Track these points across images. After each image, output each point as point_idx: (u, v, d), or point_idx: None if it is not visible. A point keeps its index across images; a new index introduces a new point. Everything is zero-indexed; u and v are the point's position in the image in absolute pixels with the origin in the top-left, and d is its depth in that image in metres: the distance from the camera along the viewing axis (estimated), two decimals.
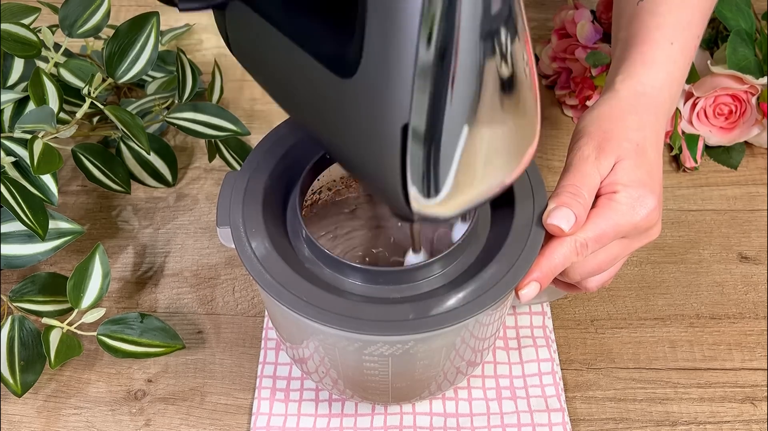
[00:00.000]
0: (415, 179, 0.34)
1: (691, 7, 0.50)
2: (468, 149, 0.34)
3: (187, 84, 0.66)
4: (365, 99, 0.33)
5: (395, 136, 0.32)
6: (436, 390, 0.50)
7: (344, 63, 0.33)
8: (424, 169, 0.34)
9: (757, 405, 0.54)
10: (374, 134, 0.34)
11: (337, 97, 0.34)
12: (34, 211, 0.53)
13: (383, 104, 0.32)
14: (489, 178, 0.37)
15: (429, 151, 0.33)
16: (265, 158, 0.47)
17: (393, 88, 0.31)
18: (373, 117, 0.33)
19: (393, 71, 0.31)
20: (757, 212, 0.66)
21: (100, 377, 0.57)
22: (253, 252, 0.42)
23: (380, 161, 0.35)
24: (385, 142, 0.33)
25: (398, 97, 0.31)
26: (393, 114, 0.32)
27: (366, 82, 0.32)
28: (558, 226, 0.42)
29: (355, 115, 0.34)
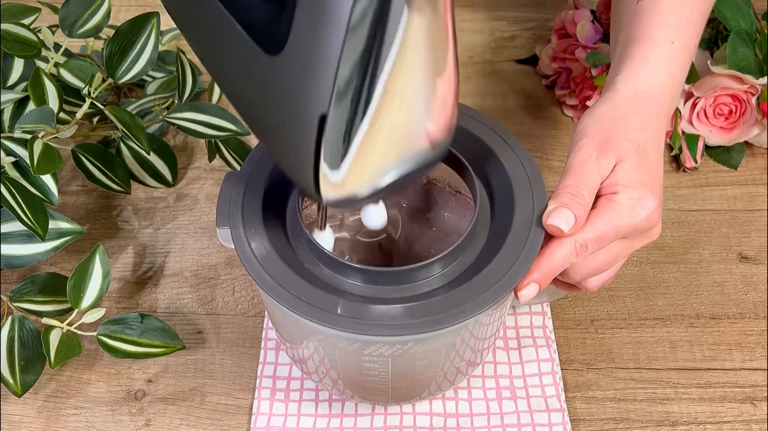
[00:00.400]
0: (327, 163, 0.34)
1: (691, 6, 0.50)
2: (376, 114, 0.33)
3: (187, 84, 0.66)
4: (288, 80, 0.32)
5: (313, 122, 0.32)
6: (436, 390, 0.50)
7: (271, 38, 0.31)
8: (333, 144, 0.33)
9: (757, 405, 0.54)
10: (292, 118, 0.33)
11: (260, 72, 0.33)
12: (34, 211, 0.53)
13: (305, 90, 0.31)
14: (397, 135, 0.35)
15: (345, 140, 0.33)
16: (265, 158, 0.47)
17: (317, 74, 0.30)
18: (294, 102, 0.32)
19: (319, 55, 0.30)
20: (757, 212, 0.66)
21: (100, 377, 0.57)
22: (253, 252, 0.42)
23: (294, 143, 0.34)
24: (301, 127, 0.32)
25: (321, 86, 0.30)
26: (314, 102, 0.31)
27: (290, 63, 0.31)
28: (558, 227, 0.42)
29: (276, 94, 0.33)
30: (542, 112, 0.74)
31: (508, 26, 0.82)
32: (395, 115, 0.33)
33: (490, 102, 0.75)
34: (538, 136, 0.72)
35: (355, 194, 0.36)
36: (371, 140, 0.33)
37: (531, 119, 0.73)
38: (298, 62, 0.31)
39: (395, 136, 0.35)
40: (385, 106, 0.32)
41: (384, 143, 0.34)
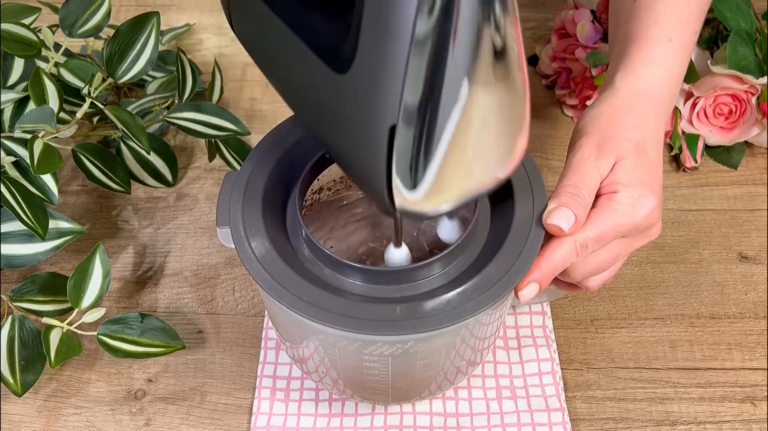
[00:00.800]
0: (399, 174, 0.34)
1: (688, 4, 0.50)
2: (454, 146, 0.34)
3: (187, 84, 0.66)
4: (356, 96, 0.33)
5: (383, 136, 0.33)
6: (436, 389, 0.50)
7: (339, 58, 0.33)
8: (409, 164, 0.34)
9: (757, 405, 0.54)
10: (363, 131, 0.34)
11: (330, 90, 0.34)
12: (34, 210, 0.53)
13: (373, 104, 0.32)
14: (474, 175, 0.36)
15: (415, 150, 0.33)
16: (265, 158, 0.47)
17: (383, 89, 0.31)
18: (363, 115, 0.33)
19: (384, 73, 0.31)
20: (757, 212, 0.66)
21: (100, 377, 0.57)
22: (253, 252, 0.42)
23: (367, 158, 0.35)
24: (372, 141, 0.33)
25: (388, 99, 0.31)
26: (382, 114, 0.32)
27: (358, 79, 0.32)
28: (558, 226, 0.42)
29: (345, 110, 0.34)
30: (542, 112, 0.74)
31: None
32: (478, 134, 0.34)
33: None
34: (538, 136, 0.72)
35: (426, 210, 0.37)
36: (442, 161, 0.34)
37: (531, 119, 0.73)
38: (365, 79, 0.32)
39: (464, 160, 0.35)
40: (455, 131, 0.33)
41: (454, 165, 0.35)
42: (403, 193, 0.35)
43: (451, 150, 0.34)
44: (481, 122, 0.34)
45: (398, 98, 0.31)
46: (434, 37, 0.30)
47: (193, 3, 0.83)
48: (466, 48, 0.30)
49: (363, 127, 0.34)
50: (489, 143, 0.35)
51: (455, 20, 0.29)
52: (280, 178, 0.47)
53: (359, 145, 0.35)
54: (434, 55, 0.30)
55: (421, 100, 0.31)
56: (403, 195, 0.35)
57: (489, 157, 0.36)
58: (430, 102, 0.32)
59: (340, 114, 0.35)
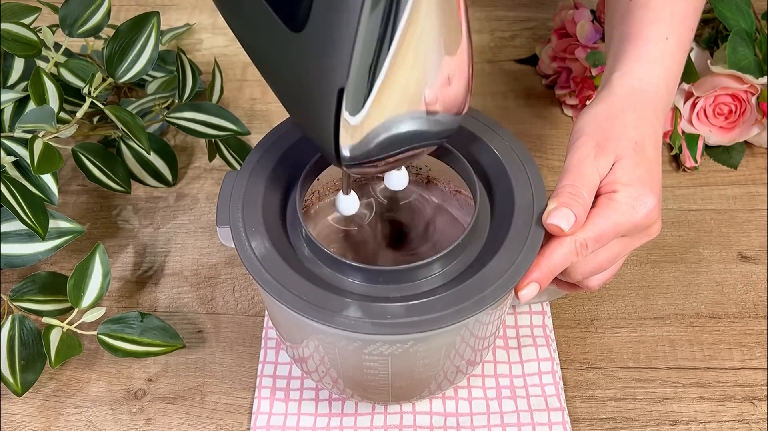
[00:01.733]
0: (345, 136, 0.36)
1: (685, 1, 0.50)
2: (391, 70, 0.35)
3: (187, 84, 0.66)
4: (308, 57, 0.34)
5: (332, 97, 0.34)
6: (436, 389, 0.50)
7: (294, 16, 0.34)
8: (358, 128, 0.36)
9: (757, 405, 0.54)
10: (313, 93, 0.36)
11: (285, 48, 0.36)
12: (34, 210, 0.53)
13: (323, 66, 0.34)
14: (405, 101, 0.37)
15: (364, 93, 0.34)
16: (265, 158, 0.47)
17: (334, 51, 0.33)
18: (314, 74, 0.35)
19: (336, 35, 0.32)
20: (757, 212, 0.66)
21: (100, 376, 0.57)
22: (253, 251, 0.42)
23: (316, 115, 0.36)
24: (321, 102, 0.35)
25: (338, 62, 0.33)
26: (332, 77, 0.34)
27: (311, 40, 0.34)
28: (558, 226, 0.42)
29: (298, 70, 0.36)
30: (542, 112, 0.74)
31: (508, 26, 0.83)
32: (408, 73, 0.35)
33: (490, 102, 0.75)
34: (538, 136, 0.72)
35: (370, 148, 0.38)
36: (386, 93, 0.35)
37: (531, 119, 0.73)
38: (317, 40, 0.33)
39: (408, 93, 0.36)
40: (399, 65, 0.34)
41: (397, 97, 0.36)
42: (349, 127, 0.36)
43: (388, 76, 0.35)
44: (416, 44, 0.35)
45: (347, 64, 0.33)
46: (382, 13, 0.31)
47: (193, 3, 0.83)
48: None
49: (313, 88, 0.35)
50: (423, 63, 0.36)
51: None
52: (280, 177, 0.47)
53: (310, 103, 0.37)
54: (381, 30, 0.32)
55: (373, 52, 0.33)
56: (348, 130, 0.36)
57: (422, 75, 0.36)
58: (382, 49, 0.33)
59: (295, 72, 0.37)
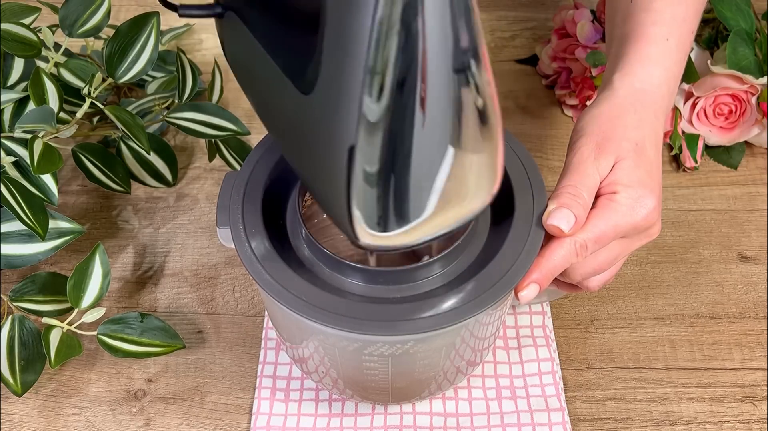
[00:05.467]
0: (360, 205, 0.34)
1: (685, 3, 0.50)
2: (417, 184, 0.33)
3: (187, 84, 0.66)
4: (318, 115, 0.33)
5: (342, 155, 0.33)
6: (436, 389, 0.50)
7: (305, 79, 0.34)
8: (373, 199, 0.34)
9: (757, 405, 0.54)
10: (324, 152, 0.34)
11: (297, 111, 0.35)
12: (34, 210, 0.53)
13: (332, 121, 0.32)
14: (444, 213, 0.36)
15: (379, 184, 0.33)
16: (265, 158, 0.47)
17: (341, 106, 0.31)
18: (324, 134, 0.34)
19: (342, 89, 0.31)
20: (757, 212, 0.66)
21: (100, 377, 0.57)
22: (253, 252, 0.42)
23: (329, 181, 0.35)
24: (332, 161, 0.33)
25: (346, 116, 0.31)
26: (340, 132, 0.32)
27: (320, 99, 0.33)
28: (558, 227, 0.42)
29: (309, 131, 0.35)
30: (542, 112, 0.74)
31: (508, 26, 0.82)
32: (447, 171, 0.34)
33: None
34: (538, 136, 0.72)
35: (387, 245, 0.37)
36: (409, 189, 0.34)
37: (531, 119, 0.73)
38: (325, 98, 0.32)
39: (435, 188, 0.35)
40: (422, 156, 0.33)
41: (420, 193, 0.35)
42: (365, 228, 0.35)
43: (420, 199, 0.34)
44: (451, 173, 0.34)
45: (356, 119, 0.31)
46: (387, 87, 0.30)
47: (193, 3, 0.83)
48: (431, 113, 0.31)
49: (324, 147, 0.34)
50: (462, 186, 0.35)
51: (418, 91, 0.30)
52: (280, 178, 0.47)
53: (321, 167, 0.36)
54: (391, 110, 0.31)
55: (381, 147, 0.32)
56: (365, 230, 0.35)
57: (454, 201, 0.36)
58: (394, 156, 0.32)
59: (305, 134, 0.36)
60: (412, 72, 0.30)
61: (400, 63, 0.30)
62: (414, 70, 0.30)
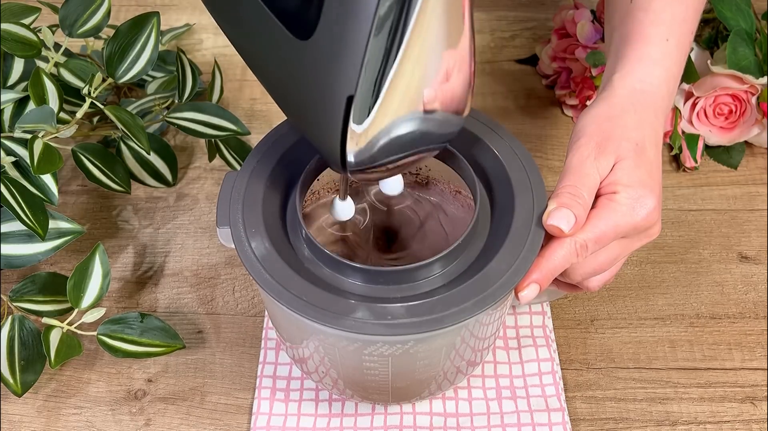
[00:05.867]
0: (352, 142, 0.36)
1: (684, 2, 0.50)
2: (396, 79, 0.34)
3: (187, 84, 0.66)
4: (316, 64, 0.34)
5: (340, 105, 0.34)
6: (436, 389, 0.50)
7: (302, 24, 0.33)
8: (365, 137, 0.35)
9: (757, 405, 0.54)
10: (321, 99, 0.35)
11: (291, 57, 0.35)
12: (34, 210, 0.53)
13: (332, 73, 0.33)
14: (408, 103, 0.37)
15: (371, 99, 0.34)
16: (265, 158, 0.47)
17: (344, 58, 0.32)
18: (322, 83, 0.34)
19: (346, 42, 0.32)
20: (757, 212, 0.66)
21: (100, 377, 0.57)
22: (253, 252, 0.42)
23: (323, 124, 0.36)
24: (329, 109, 0.34)
25: (348, 69, 0.32)
26: (340, 85, 0.33)
27: (319, 48, 0.33)
28: (558, 227, 0.42)
29: (305, 77, 0.35)
30: (542, 112, 0.74)
31: (508, 26, 0.82)
32: (410, 74, 0.35)
33: (490, 102, 0.75)
34: (538, 136, 0.72)
35: (375, 153, 0.37)
36: (391, 98, 0.35)
37: (531, 119, 0.73)
38: (325, 47, 0.33)
39: (410, 94, 0.36)
40: (404, 67, 0.34)
41: (400, 100, 0.36)
42: (355, 137, 0.36)
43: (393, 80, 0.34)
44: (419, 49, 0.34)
45: (358, 70, 0.32)
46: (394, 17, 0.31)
47: (193, 3, 0.83)
48: None
49: (321, 95, 0.35)
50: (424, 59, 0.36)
51: None
52: (280, 177, 0.47)
53: (316, 112, 0.36)
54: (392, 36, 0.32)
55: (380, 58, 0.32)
56: (355, 139, 0.36)
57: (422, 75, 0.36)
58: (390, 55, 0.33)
59: (300, 80, 0.36)
60: None
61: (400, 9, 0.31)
62: None
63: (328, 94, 0.34)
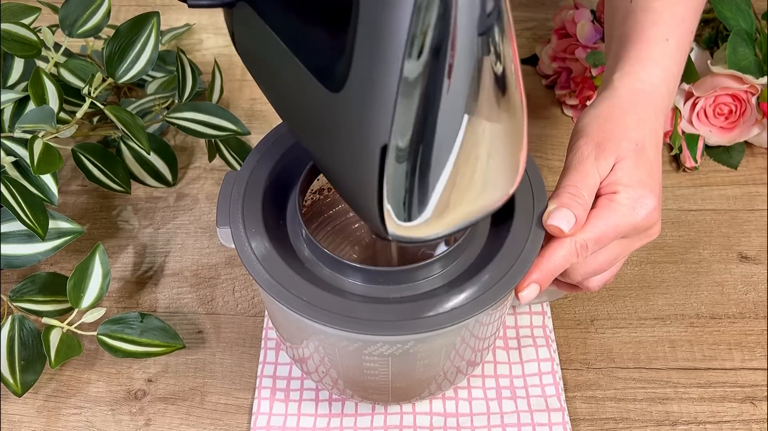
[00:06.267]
0: (391, 199, 0.34)
1: (685, 3, 0.50)
2: (452, 178, 0.34)
3: (187, 84, 0.66)
4: (349, 115, 0.33)
5: (374, 154, 0.32)
6: (436, 389, 0.50)
7: (333, 77, 0.33)
8: (403, 191, 0.34)
9: (757, 405, 0.54)
10: (355, 151, 0.34)
11: (324, 109, 0.35)
12: (34, 210, 0.53)
13: (365, 122, 0.32)
14: (475, 201, 0.36)
15: (408, 174, 0.33)
16: (265, 158, 0.47)
17: (375, 106, 0.31)
18: (355, 134, 0.33)
19: (377, 90, 0.31)
20: (757, 212, 0.66)
21: (100, 377, 0.57)
22: (253, 252, 0.42)
23: (358, 178, 0.35)
24: (364, 160, 0.33)
25: (380, 117, 0.31)
26: (374, 133, 0.32)
27: (351, 98, 0.32)
28: (558, 227, 0.42)
29: (339, 130, 0.35)
30: (542, 112, 0.74)
31: None
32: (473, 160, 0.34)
33: None
34: (538, 136, 0.72)
35: (418, 237, 0.37)
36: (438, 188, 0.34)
37: (531, 119, 0.73)
38: (357, 97, 0.32)
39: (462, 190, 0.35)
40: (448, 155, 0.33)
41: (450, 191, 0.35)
42: (396, 222, 0.35)
43: (450, 182, 0.34)
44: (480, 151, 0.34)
45: (391, 114, 0.31)
46: (425, 74, 0.30)
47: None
48: (460, 84, 0.30)
49: (355, 146, 0.34)
50: (490, 169, 0.35)
51: (448, 59, 0.29)
52: (280, 178, 0.47)
53: (351, 165, 0.35)
54: (425, 91, 0.30)
55: (413, 130, 0.31)
56: (395, 221, 0.35)
57: (489, 183, 0.36)
58: (424, 135, 0.32)
59: (333, 132, 0.35)
60: (441, 65, 0.29)
61: (433, 63, 0.29)
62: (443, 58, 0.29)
63: (361, 145, 0.33)
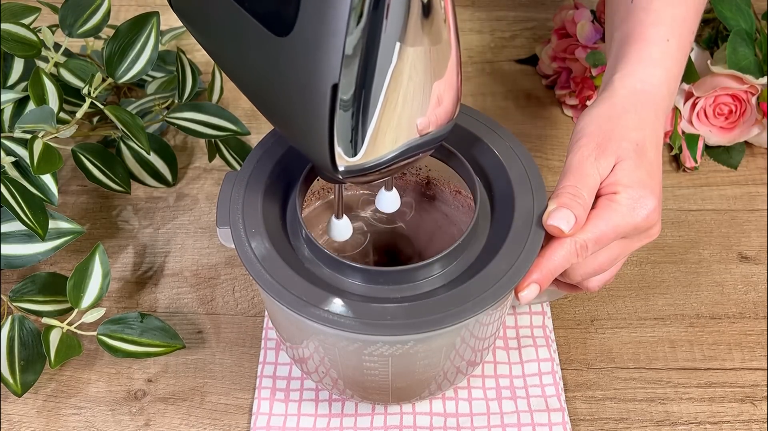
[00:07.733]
0: (340, 137, 0.35)
1: (685, 3, 0.50)
2: (387, 100, 0.35)
3: (187, 84, 0.66)
4: (298, 57, 0.34)
5: (325, 95, 0.33)
6: (436, 389, 0.50)
7: (280, 22, 0.34)
8: (350, 126, 0.35)
9: (757, 405, 0.54)
10: (305, 93, 0.35)
11: (271, 55, 0.35)
12: (34, 210, 0.53)
13: (316, 63, 0.33)
14: (403, 125, 0.37)
15: (355, 110, 0.34)
16: (265, 158, 0.47)
17: (327, 46, 0.32)
18: (305, 76, 0.34)
19: (328, 29, 0.32)
20: (757, 212, 0.66)
21: (100, 377, 0.57)
22: (253, 252, 0.42)
23: (309, 120, 0.36)
24: (315, 102, 0.34)
25: (331, 56, 0.32)
26: (325, 72, 0.33)
27: (300, 41, 0.33)
28: (558, 227, 0.42)
29: (287, 74, 0.35)
30: (542, 112, 0.74)
31: (508, 26, 0.82)
32: (400, 109, 0.35)
33: (490, 102, 0.75)
34: (538, 136, 0.72)
35: (366, 162, 0.37)
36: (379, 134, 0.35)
37: (531, 119, 0.73)
38: (307, 40, 0.33)
39: (401, 128, 0.36)
40: (390, 98, 0.34)
41: (392, 135, 0.36)
42: (344, 157, 0.36)
43: (385, 104, 0.35)
44: (408, 76, 0.35)
45: (340, 57, 0.32)
46: (370, 6, 0.31)
47: None
48: (396, 11, 0.32)
49: (305, 89, 0.35)
50: (415, 94, 0.36)
51: None
52: (280, 178, 0.47)
53: (302, 108, 0.36)
54: (369, 25, 0.32)
55: (359, 65, 0.33)
56: (344, 158, 0.36)
57: (415, 108, 0.37)
58: (367, 68, 0.33)
59: (282, 78, 0.36)
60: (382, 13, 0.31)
61: None
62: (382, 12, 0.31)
63: (311, 87, 0.34)
